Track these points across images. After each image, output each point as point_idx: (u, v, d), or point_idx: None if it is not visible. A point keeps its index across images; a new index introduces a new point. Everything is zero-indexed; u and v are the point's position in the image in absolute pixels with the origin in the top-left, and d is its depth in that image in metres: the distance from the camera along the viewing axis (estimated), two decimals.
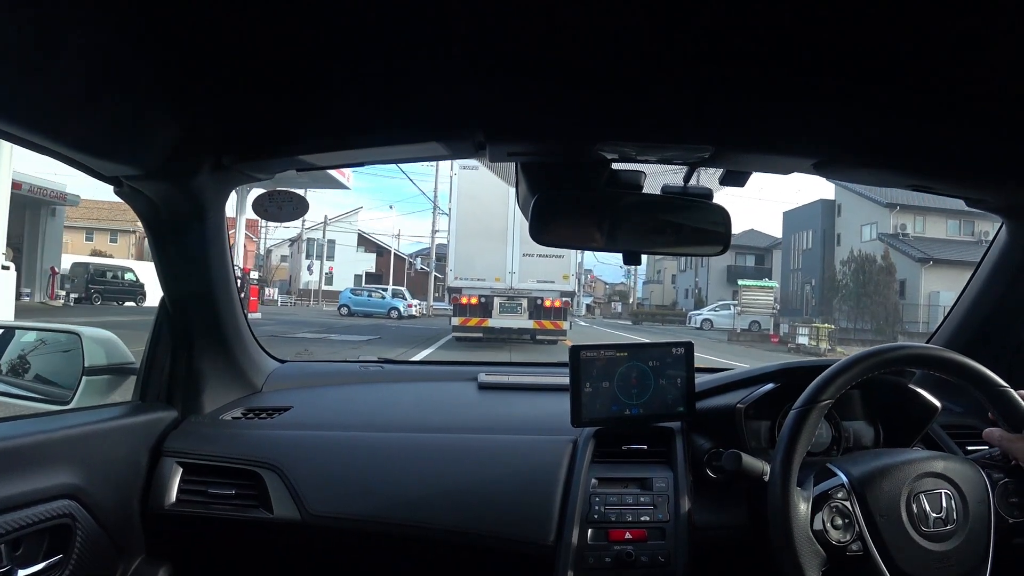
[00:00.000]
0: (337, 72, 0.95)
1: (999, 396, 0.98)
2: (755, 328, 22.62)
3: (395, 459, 1.26)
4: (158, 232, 1.23)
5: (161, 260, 1.27)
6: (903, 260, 23.84)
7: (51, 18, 0.71)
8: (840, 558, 0.92)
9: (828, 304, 25.85)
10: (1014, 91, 0.89)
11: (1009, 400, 0.97)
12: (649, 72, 0.91)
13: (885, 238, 25.38)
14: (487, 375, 1.65)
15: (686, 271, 41.31)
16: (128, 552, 1.21)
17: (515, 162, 1.18)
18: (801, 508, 0.93)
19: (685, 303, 39.74)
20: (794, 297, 31.57)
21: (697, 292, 36.97)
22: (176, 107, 0.98)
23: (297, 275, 39.08)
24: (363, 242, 41.58)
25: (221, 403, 1.44)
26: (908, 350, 1.02)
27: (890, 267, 23.40)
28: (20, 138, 0.87)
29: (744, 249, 37.36)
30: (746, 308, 23.27)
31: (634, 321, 31.66)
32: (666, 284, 45.45)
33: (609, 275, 50.67)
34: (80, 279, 21.40)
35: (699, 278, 37.20)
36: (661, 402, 1.29)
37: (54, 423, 1.14)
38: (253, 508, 1.23)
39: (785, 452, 0.95)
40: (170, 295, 1.33)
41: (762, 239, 38.14)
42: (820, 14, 0.74)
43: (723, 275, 36.08)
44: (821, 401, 0.97)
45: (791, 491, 0.93)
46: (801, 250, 32.31)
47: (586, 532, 1.11)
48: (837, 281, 25.40)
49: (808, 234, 31.73)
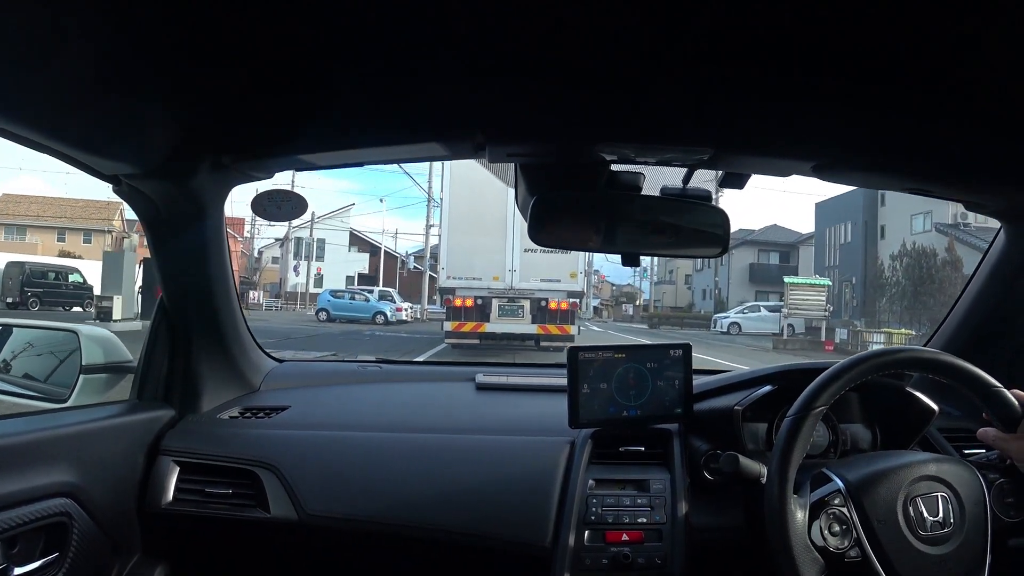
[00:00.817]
0: (337, 72, 0.95)
1: (992, 396, 0.98)
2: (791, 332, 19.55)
3: (392, 459, 1.26)
4: (157, 231, 1.23)
5: (160, 259, 1.27)
6: (969, 253, 19.27)
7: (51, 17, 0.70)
8: (838, 565, 0.92)
9: (873, 305, 22.76)
10: (1014, 93, 0.89)
11: (1002, 399, 0.98)
12: (649, 73, 0.91)
13: (945, 228, 21.40)
14: (485, 376, 1.65)
15: (703, 270, 36.72)
16: (125, 551, 1.21)
17: (514, 163, 1.18)
18: (798, 516, 0.93)
19: (703, 304, 35.77)
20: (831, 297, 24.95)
21: (717, 293, 32.57)
22: (176, 106, 0.98)
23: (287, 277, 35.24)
24: (356, 241, 37.65)
25: (219, 402, 1.43)
26: (901, 353, 1.02)
27: (956, 261, 19.62)
28: (19, 136, 0.87)
29: (767, 246, 33.71)
30: (794, 310, 19.30)
31: (650, 324, 28.26)
32: (679, 285, 41.21)
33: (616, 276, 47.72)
34: (15, 281, 18.84)
35: (719, 277, 32.59)
36: (659, 404, 1.29)
37: (51, 421, 1.14)
38: (250, 507, 1.23)
39: (780, 459, 0.95)
40: (168, 294, 1.33)
41: (786, 235, 34.46)
42: (820, 15, 0.74)
43: (745, 274, 32.69)
44: (815, 408, 0.97)
45: (788, 498, 0.93)
46: (838, 244, 27.80)
47: (583, 533, 1.11)
48: (885, 278, 22.13)
49: (846, 227, 27.24)
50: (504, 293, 10.46)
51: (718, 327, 24.59)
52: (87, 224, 32.35)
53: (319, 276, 33.32)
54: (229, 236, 1.39)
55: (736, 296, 31.30)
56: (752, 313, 24.57)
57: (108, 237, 30.80)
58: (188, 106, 0.99)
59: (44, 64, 0.75)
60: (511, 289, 10.45)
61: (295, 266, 32.73)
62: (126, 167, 1.07)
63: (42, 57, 0.74)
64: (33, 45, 0.72)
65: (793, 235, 34.34)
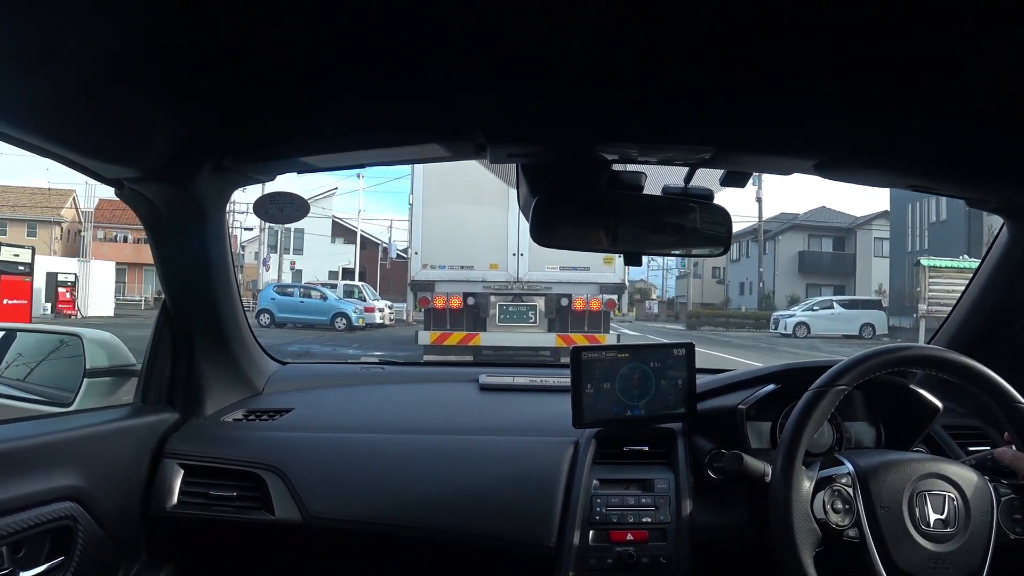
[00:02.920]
0: (337, 74, 0.95)
1: (1015, 412, 0.97)
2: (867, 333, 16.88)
3: (396, 460, 1.26)
4: (159, 234, 1.24)
5: (162, 262, 1.28)
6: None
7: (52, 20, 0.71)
8: (836, 542, 0.93)
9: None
10: (1015, 90, 0.89)
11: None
12: (649, 73, 0.91)
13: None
14: (488, 376, 1.65)
15: (739, 260, 30.62)
16: (130, 554, 1.21)
17: (516, 163, 1.18)
18: (804, 485, 0.95)
19: (740, 300, 30.30)
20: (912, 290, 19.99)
21: (761, 287, 26.23)
22: (177, 109, 0.98)
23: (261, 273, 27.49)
24: (342, 232, 31.45)
25: (222, 405, 1.44)
26: (923, 351, 1.03)
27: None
28: (20, 140, 0.87)
29: (818, 231, 28.79)
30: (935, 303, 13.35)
31: (689, 325, 23.52)
32: (706, 278, 34.41)
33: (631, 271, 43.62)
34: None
35: (763, 268, 25.71)
36: (662, 403, 1.29)
37: (55, 425, 1.14)
38: (254, 510, 1.23)
39: (794, 428, 0.96)
40: (171, 297, 1.33)
41: (838, 217, 29.15)
42: (820, 14, 0.74)
43: (793, 264, 27.53)
44: (838, 384, 0.97)
45: (796, 466, 0.94)
46: (926, 224, 21.79)
47: (587, 533, 1.11)
48: None
49: (938, 202, 20.66)
50: (507, 288, 7.30)
51: (780, 328, 19.91)
52: (31, 215, 26.65)
53: (296, 271, 28.06)
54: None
55: (784, 290, 26.55)
56: (823, 311, 20.08)
57: (57, 229, 26.28)
58: (190, 109, 0.99)
59: (46, 69, 0.76)
60: (517, 282, 7.27)
61: (264, 259, 26.18)
62: (128, 171, 1.07)
63: (44, 62, 0.75)
64: (35, 50, 0.72)
65: (846, 218, 29.03)
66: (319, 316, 16.88)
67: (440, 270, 7.29)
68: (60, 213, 26.62)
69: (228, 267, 1.35)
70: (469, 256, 7.26)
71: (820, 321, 19.51)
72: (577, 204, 1.13)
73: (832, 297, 21.76)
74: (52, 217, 25.86)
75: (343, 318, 16.85)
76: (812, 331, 19.11)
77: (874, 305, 20.51)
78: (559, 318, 7.27)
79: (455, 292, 7.23)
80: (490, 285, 7.28)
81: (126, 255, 28.87)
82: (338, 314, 16.96)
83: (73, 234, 27.85)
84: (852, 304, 20.10)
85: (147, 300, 25.41)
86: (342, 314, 16.95)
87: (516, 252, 7.16)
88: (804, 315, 20.13)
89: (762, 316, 22.67)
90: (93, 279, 19.16)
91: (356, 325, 16.73)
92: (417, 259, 7.43)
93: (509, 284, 7.27)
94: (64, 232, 26.52)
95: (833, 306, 20.14)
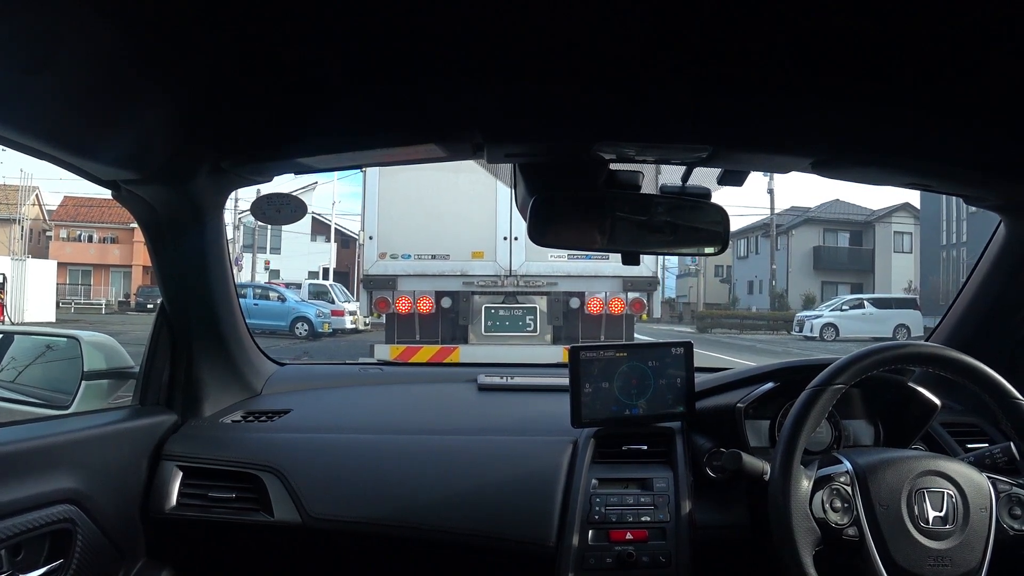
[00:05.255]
0: (334, 75, 0.95)
1: (1013, 409, 0.97)
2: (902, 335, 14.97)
3: (395, 461, 1.26)
4: (156, 236, 1.23)
5: (159, 264, 1.27)
6: None
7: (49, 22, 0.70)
8: (835, 541, 0.93)
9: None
10: (1013, 89, 0.89)
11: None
12: (646, 72, 0.91)
13: None
14: (487, 376, 1.65)
15: (747, 257, 28.50)
16: (129, 556, 1.21)
17: (513, 163, 1.18)
18: (803, 484, 0.95)
19: (749, 300, 27.76)
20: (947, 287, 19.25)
21: (772, 286, 23.84)
22: (174, 111, 0.98)
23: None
24: (322, 229, 28.59)
25: (221, 406, 1.43)
26: (920, 348, 1.03)
27: None
28: (17, 142, 0.87)
29: (834, 225, 26.87)
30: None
31: (699, 328, 21.26)
32: (708, 277, 31.82)
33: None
34: None
35: (775, 266, 23.51)
36: (661, 402, 1.29)
37: (54, 428, 1.14)
38: (254, 511, 1.23)
39: (793, 426, 0.96)
40: (169, 299, 1.33)
41: (853, 210, 27.22)
42: (817, 12, 0.74)
43: (808, 260, 25.74)
44: (836, 383, 0.98)
45: (794, 465, 0.94)
46: (965, 215, 20.02)
47: (587, 533, 1.11)
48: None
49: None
50: (496, 284, 5.41)
51: (804, 330, 18.05)
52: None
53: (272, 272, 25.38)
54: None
55: (797, 288, 24.47)
56: (853, 311, 18.24)
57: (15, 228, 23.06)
58: (186, 110, 0.99)
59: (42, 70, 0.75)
60: (510, 276, 5.38)
61: (236, 258, 22.30)
62: (125, 172, 1.07)
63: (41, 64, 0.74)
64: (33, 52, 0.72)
65: (862, 211, 27.13)
66: (276, 321, 14.54)
67: (404, 261, 5.36)
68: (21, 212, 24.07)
69: (226, 268, 1.35)
70: (443, 242, 5.31)
71: (850, 322, 17.69)
72: (575, 204, 1.13)
73: (863, 295, 19.99)
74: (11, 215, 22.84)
75: (304, 323, 14.78)
76: (841, 333, 17.28)
77: (909, 304, 18.99)
78: (567, 325, 5.36)
79: (424, 291, 5.34)
80: (472, 281, 5.35)
81: (91, 256, 27.82)
82: (299, 318, 14.87)
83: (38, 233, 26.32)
84: (885, 303, 18.62)
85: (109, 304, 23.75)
86: (303, 318, 14.85)
87: (508, 235, 5.18)
88: (832, 316, 18.29)
89: (778, 317, 21.17)
90: (30, 280, 16.99)
91: (320, 331, 14.62)
92: (372, 246, 5.39)
93: (499, 279, 5.35)
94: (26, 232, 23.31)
95: (864, 305, 18.49)
